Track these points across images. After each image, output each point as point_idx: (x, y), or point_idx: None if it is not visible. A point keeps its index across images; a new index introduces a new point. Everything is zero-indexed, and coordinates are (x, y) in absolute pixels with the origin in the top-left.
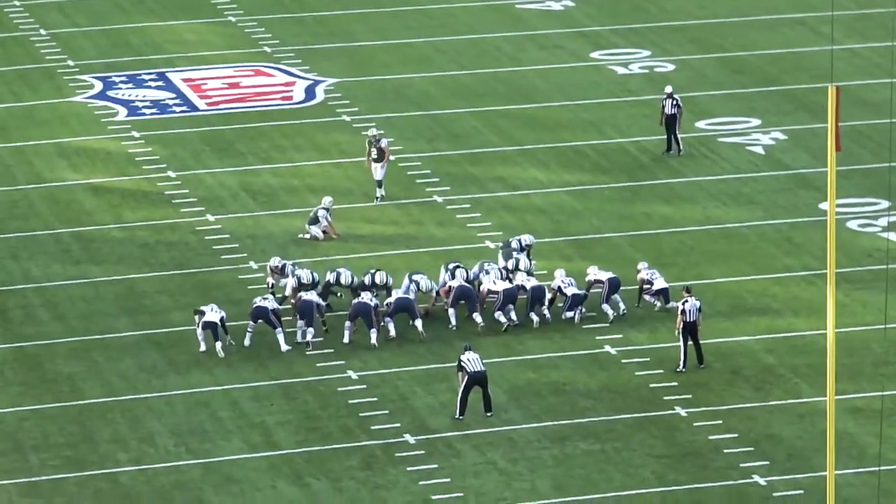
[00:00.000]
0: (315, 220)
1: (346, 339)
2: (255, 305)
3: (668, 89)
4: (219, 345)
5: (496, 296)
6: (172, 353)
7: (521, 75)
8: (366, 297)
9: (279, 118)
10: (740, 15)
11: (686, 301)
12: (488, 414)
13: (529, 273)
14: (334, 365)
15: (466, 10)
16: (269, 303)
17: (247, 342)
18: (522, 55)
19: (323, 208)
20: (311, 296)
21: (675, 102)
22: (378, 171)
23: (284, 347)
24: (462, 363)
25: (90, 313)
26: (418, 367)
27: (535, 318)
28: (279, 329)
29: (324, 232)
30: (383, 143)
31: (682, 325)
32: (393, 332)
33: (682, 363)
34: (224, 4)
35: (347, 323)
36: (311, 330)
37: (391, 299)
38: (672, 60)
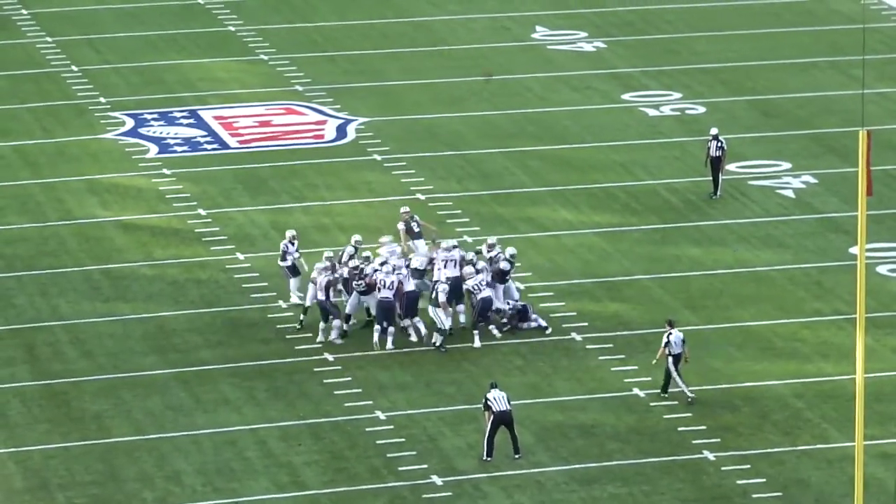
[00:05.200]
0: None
1: (384, 343)
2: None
3: (714, 131)
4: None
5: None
6: (200, 391)
7: (551, 116)
8: (385, 286)
9: (310, 157)
10: (771, 58)
11: (670, 334)
12: (517, 456)
13: (490, 284)
14: (362, 405)
15: (498, 51)
16: (328, 275)
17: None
18: (553, 96)
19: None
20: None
21: (719, 144)
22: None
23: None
24: (488, 402)
25: (118, 351)
26: (446, 408)
27: (476, 336)
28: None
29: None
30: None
31: (668, 359)
32: (414, 337)
33: (664, 388)
34: (256, 43)
35: (377, 327)
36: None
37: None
38: (703, 103)
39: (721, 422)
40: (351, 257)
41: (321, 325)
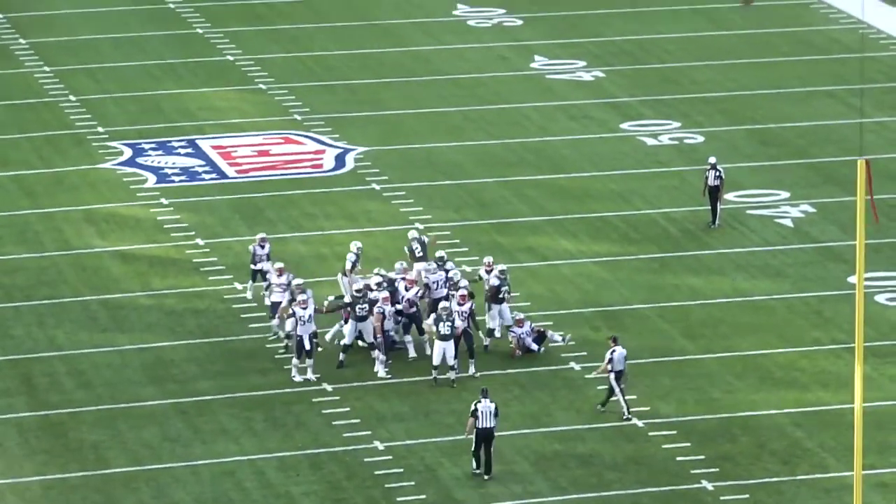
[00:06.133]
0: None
1: (382, 372)
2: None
3: (712, 160)
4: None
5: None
6: (198, 421)
7: (550, 145)
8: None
9: (309, 186)
10: (770, 87)
11: (614, 350)
12: (486, 477)
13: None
14: (361, 435)
15: (496, 80)
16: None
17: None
18: (552, 125)
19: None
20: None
21: (717, 173)
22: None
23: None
24: (477, 413)
25: (116, 381)
26: (445, 439)
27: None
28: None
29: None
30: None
31: (611, 375)
32: (413, 353)
33: (604, 402)
34: (254, 72)
35: (380, 356)
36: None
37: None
38: (701, 132)
39: (719, 451)
40: (353, 264)
41: (308, 360)
